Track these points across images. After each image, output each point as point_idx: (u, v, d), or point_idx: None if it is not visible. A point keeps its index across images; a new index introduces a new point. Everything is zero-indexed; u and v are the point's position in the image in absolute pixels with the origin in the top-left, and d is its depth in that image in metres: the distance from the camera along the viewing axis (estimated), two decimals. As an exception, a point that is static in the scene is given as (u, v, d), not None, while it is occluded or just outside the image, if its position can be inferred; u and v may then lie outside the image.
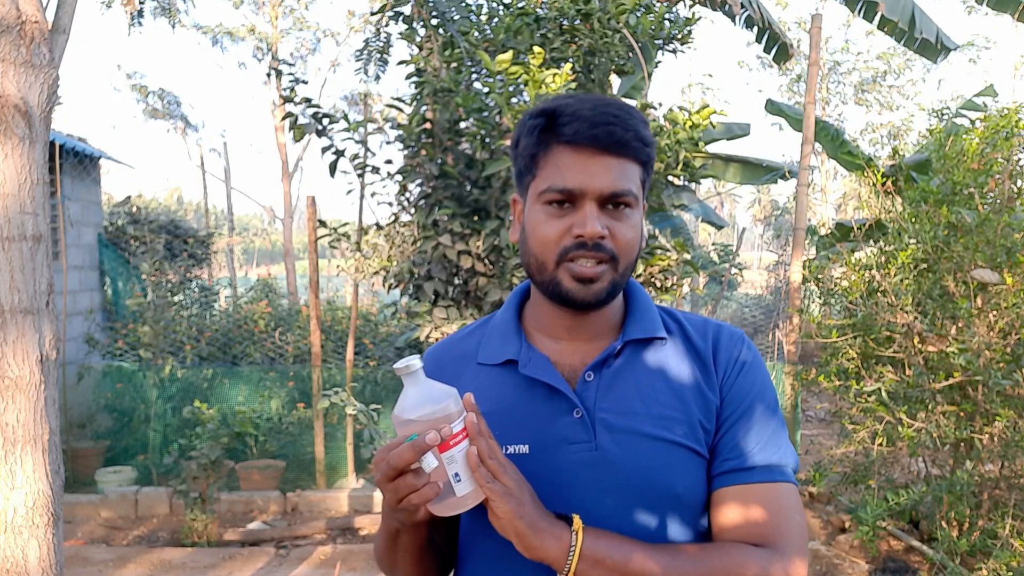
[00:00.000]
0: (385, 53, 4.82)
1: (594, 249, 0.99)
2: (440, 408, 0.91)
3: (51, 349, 2.21)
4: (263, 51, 16.18)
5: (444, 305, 4.26)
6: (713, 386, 1.06)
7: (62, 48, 2.31)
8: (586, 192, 0.99)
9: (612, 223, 1.00)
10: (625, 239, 1.00)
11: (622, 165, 1.00)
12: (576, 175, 0.99)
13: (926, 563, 4.12)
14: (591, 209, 0.99)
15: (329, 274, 14.72)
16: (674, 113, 4.33)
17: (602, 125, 0.98)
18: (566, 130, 0.99)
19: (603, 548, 0.93)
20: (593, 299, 1.01)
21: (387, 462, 0.90)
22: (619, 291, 1.04)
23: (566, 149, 1.00)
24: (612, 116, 0.99)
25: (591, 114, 0.98)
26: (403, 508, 0.92)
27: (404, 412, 0.92)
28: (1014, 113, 3.78)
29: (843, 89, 16.69)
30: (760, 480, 1.01)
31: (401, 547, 1.06)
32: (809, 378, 4.55)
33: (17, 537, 2.13)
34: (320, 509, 5.44)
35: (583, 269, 1.00)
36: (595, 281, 1.00)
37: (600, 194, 0.99)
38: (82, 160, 8.10)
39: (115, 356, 6.61)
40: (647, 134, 1.02)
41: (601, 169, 0.99)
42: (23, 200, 2.14)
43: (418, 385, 0.93)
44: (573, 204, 1.00)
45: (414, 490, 0.90)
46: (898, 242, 3.97)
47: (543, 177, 1.02)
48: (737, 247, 10.17)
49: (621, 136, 0.98)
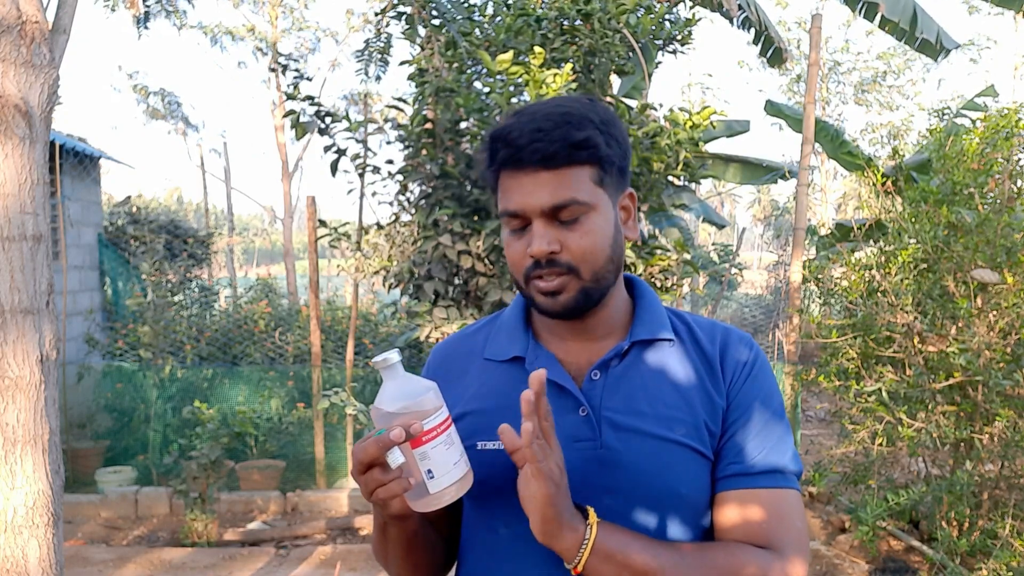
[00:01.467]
0: (386, 53, 4.81)
1: (548, 265, 1.00)
2: (415, 403, 0.91)
3: (51, 349, 2.21)
4: (263, 51, 16.18)
5: (444, 305, 4.25)
6: (720, 389, 1.06)
7: (62, 48, 2.31)
8: (527, 212, 1.00)
9: (564, 234, 1.00)
10: (580, 247, 1.00)
11: (560, 175, 0.99)
12: (515, 196, 1.01)
13: (926, 563, 4.12)
14: (537, 228, 1.00)
15: (329, 274, 14.72)
16: (674, 113, 4.32)
17: (528, 145, 0.98)
18: (500, 156, 1.02)
19: (614, 543, 0.94)
20: (562, 310, 1.03)
21: (354, 455, 0.92)
22: (599, 295, 1.04)
23: (506, 174, 1.02)
24: (537, 131, 0.98)
25: (517, 135, 0.99)
26: (374, 502, 0.94)
27: (381, 404, 0.92)
28: (1014, 113, 3.78)
29: (843, 89, 16.70)
30: (763, 485, 1.02)
31: (390, 539, 1.07)
32: (809, 378, 4.55)
33: (17, 537, 2.13)
34: (320, 509, 5.44)
35: (544, 284, 1.02)
36: (560, 293, 1.02)
37: (541, 210, 1.00)
38: (82, 160, 8.10)
39: (115, 356, 6.61)
40: (587, 134, 0.99)
41: (536, 186, 0.99)
42: (23, 200, 2.14)
43: (396, 379, 0.93)
44: (527, 224, 1.02)
45: (381, 484, 0.92)
46: (898, 242, 3.97)
47: (500, 202, 1.05)
48: (737, 247, 10.17)
49: (546, 149, 0.98)
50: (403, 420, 0.90)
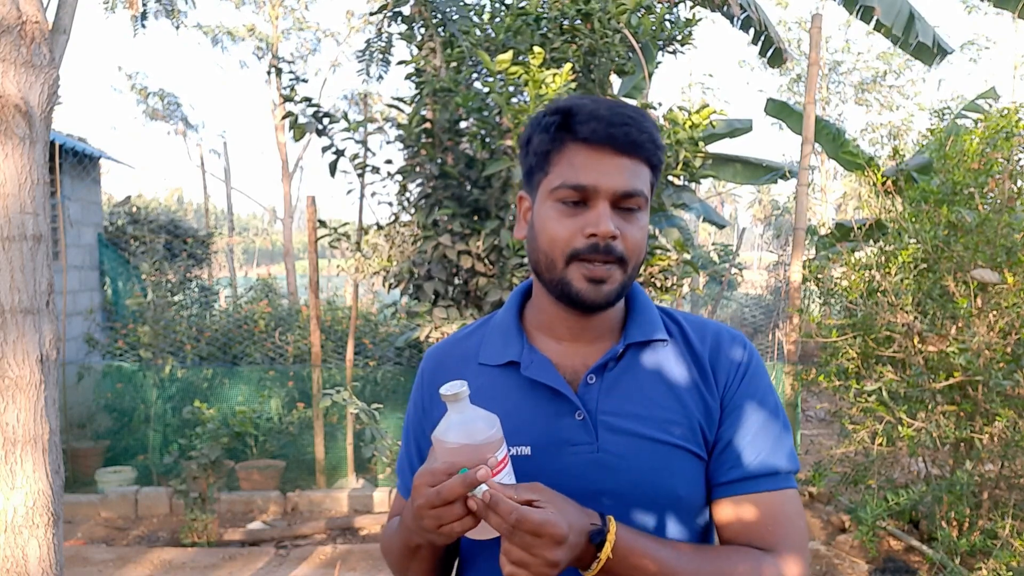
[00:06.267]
0: (387, 53, 4.81)
1: (605, 251, 0.99)
2: (487, 438, 0.91)
3: (51, 349, 2.21)
4: (263, 51, 16.18)
5: (444, 305, 4.25)
6: (712, 390, 1.06)
7: (62, 48, 2.31)
8: (600, 190, 0.99)
9: (623, 224, 1.01)
10: (635, 240, 1.01)
11: (635, 166, 1.01)
12: (591, 173, 0.99)
13: (926, 563, 4.12)
14: (604, 208, 0.99)
15: (329, 274, 14.73)
16: (674, 113, 4.32)
17: (619, 125, 0.99)
18: (583, 128, 1.00)
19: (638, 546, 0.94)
20: (603, 300, 1.02)
21: (437, 492, 0.89)
22: (625, 292, 1.05)
23: (582, 147, 1.00)
24: (628, 117, 1.00)
25: (608, 114, 0.99)
26: (443, 534, 0.92)
27: (448, 437, 0.91)
28: (1014, 113, 3.79)
29: (843, 89, 16.68)
30: (764, 489, 1.03)
31: (419, 559, 1.07)
32: (809, 378, 4.56)
33: (17, 537, 2.13)
34: (320, 509, 5.44)
35: (595, 270, 1.00)
36: (605, 282, 1.01)
37: (614, 193, 0.99)
38: (82, 160, 8.10)
39: (115, 356, 6.61)
40: (659, 138, 1.03)
41: (615, 169, 0.99)
42: (23, 200, 2.14)
43: (464, 412, 0.93)
44: (585, 203, 1.00)
45: (458, 519, 0.90)
46: (898, 242, 3.97)
47: (556, 174, 1.02)
48: (737, 247, 10.16)
49: (636, 137, 0.99)
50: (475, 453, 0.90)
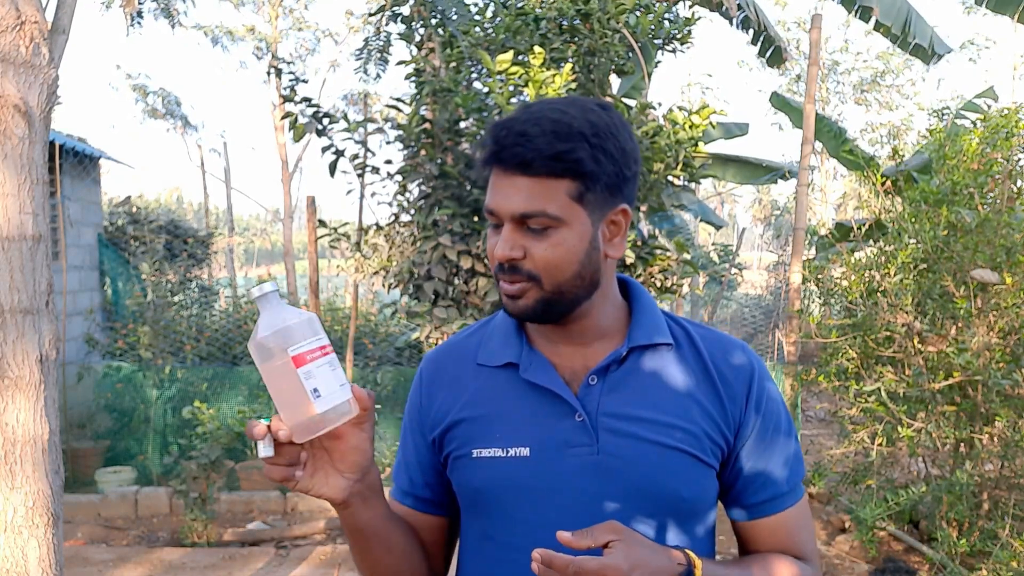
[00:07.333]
0: (385, 52, 4.81)
1: (510, 271, 0.99)
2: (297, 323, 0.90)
3: (51, 349, 2.21)
4: (263, 51, 16.18)
5: (444, 305, 4.25)
6: (722, 399, 1.05)
7: (62, 48, 2.31)
8: (499, 213, 0.99)
9: (530, 243, 0.98)
10: (543, 258, 0.98)
11: (536, 184, 0.96)
12: (495, 195, 0.99)
13: (926, 563, 4.12)
14: (505, 231, 0.99)
15: (329, 274, 14.72)
16: (674, 113, 4.32)
17: (509, 146, 0.96)
18: (482, 152, 1.01)
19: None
20: (520, 314, 1.02)
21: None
22: (563, 306, 1.02)
23: (492, 171, 1.01)
24: (521, 136, 0.96)
25: (505, 135, 0.97)
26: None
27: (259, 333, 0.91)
28: (1014, 113, 3.79)
29: (843, 89, 16.69)
30: (791, 504, 1.08)
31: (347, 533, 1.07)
32: (809, 378, 4.55)
33: (17, 537, 2.12)
34: (320, 509, 5.44)
35: (505, 287, 1.01)
36: (519, 298, 1.01)
37: (511, 215, 0.98)
38: (82, 160, 8.10)
39: (115, 356, 6.61)
40: (570, 147, 0.95)
41: (512, 190, 0.97)
42: (23, 200, 2.14)
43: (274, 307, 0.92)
44: (501, 224, 1.01)
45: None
46: (898, 242, 3.97)
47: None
48: (737, 247, 10.17)
49: (524, 156, 0.95)
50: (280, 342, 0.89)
